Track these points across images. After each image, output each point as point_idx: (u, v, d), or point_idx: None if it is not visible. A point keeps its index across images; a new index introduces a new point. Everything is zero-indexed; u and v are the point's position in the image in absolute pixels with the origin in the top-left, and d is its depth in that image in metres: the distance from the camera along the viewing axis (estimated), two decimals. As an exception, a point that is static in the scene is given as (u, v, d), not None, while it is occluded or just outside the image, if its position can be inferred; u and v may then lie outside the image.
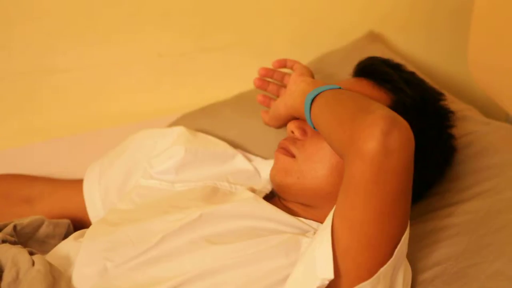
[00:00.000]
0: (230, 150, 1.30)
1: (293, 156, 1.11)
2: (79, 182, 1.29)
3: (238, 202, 1.09)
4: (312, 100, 1.03)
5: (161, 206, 1.14)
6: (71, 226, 1.25)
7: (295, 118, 1.14)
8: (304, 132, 1.12)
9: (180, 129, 1.30)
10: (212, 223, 1.06)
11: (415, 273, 1.09)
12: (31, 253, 1.05)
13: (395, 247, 0.93)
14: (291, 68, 1.23)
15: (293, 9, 1.59)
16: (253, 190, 1.17)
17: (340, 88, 1.05)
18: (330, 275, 0.91)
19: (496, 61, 1.39)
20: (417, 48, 1.70)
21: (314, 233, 1.04)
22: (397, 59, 1.24)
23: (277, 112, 1.17)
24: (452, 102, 1.27)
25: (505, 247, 1.06)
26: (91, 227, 1.14)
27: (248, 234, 1.04)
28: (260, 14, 1.57)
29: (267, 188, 1.21)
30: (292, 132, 1.13)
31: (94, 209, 1.26)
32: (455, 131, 1.21)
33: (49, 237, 1.20)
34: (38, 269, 0.99)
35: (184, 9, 1.50)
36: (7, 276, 0.99)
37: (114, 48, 1.48)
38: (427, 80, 1.25)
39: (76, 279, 1.05)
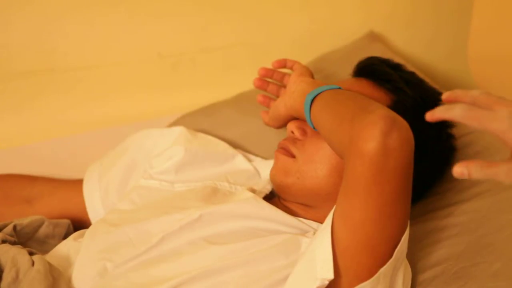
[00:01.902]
0: (230, 150, 1.30)
1: (293, 156, 1.11)
2: (79, 182, 1.29)
3: (238, 202, 1.09)
4: (312, 100, 1.03)
5: (161, 207, 1.14)
6: (71, 226, 1.25)
7: (295, 118, 1.14)
8: (304, 132, 1.12)
9: (180, 129, 1.30)
10: (212, 223, 1.05)
11: (415, 273, 1.09)
12: (31, 253, 1.05)
13: (395, 247, 0.93)
14: (291, 68, 1.23)
15: (293, 9, 1.59)
16: (253, 190, 1.17)
17: (340, 88, 1.05)
18: (330, 275, 0.91)
19: (496, 60, 1.39)
20: (417, 48, 1.70)
21: (314, 233, 1.04)
22: (397, 59, 1.24)
23: (277, 112, 1.17)
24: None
25: (505, 247, 1.06)
26: (91, 227, 1.14)
27: (248, 235, 1.04)
28: (260, 14, 1.57)
29: (267, 188, 1.21)
30: (292, 132, 1.12)
31: (94, 209, 1.26)
32: (455, 131, 1.21)
33: (49, 237, 1.20)
34: (38, 269, 0.99)
35: (184, 9, 1.50)
36: (7, 276, 1.00)
37: (114, 48, 1.48)
38: (427, 80, 1.25)
39: (76, 279, 1.05)
